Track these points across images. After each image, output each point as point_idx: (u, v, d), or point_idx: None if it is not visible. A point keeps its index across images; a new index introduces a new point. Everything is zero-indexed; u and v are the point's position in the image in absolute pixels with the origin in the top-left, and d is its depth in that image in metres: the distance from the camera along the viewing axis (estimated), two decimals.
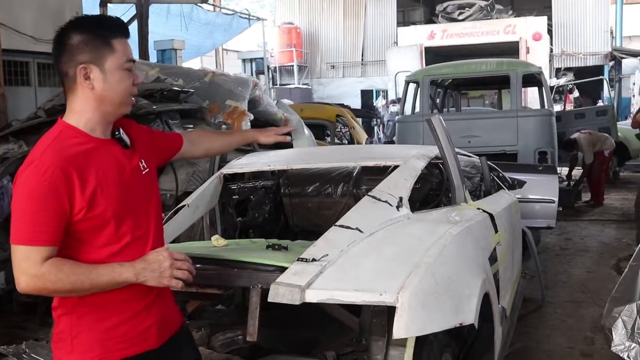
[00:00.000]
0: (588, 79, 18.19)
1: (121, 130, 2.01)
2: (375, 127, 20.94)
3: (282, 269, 2.38)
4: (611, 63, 23.33)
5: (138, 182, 2.00)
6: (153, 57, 11.07)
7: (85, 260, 1.86)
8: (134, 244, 1.94)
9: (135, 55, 10.79)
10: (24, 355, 2.95)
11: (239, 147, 2.89)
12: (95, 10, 11.31)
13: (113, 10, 11.77)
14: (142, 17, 11.12)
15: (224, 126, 4.01)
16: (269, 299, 2.25)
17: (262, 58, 24.78)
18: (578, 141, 10.63)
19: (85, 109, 1.91)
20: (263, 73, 24.25)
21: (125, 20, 10.39)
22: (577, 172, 12.73)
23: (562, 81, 19.47)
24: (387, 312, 2.37)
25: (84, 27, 1.91)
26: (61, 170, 1.79)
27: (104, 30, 1.91)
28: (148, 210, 2.03)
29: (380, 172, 3.69)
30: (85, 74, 1.88)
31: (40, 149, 1.85)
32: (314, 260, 2.40)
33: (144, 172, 2.04)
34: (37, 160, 1.81)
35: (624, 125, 14.16)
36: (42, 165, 1.79)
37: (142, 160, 2.05)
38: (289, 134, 2.95)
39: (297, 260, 2.41)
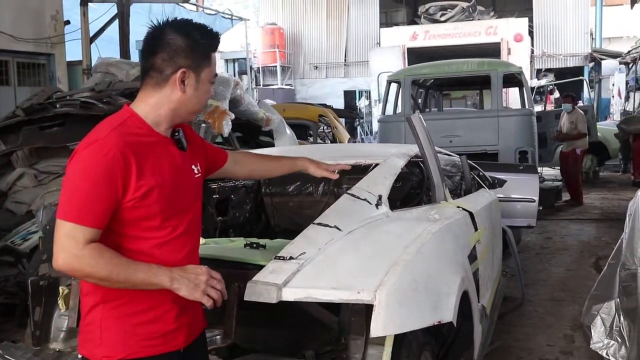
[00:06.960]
0: (568, 80, 18.34)
1: (181, 132, 2.04)
2: (358, 127, 20.97)
3: (260, 268, 2.36)
4: (591, 64, 23.58)
5: (188, 184, 2.03)
6: (135, 57, 10.99)
7: (126, 247, 1.87)
8: (174, 242, 1.95)
9: (116, 54, 10.71)
10: None
11: (284, 174, 2.74)
12: (76, 9, 11.20)
13: (94, 9, 11.66)
14: (123, 16, 11.06)
15: (203, 125, 3.98)
16: (245, 298, 2.23)
17: (245, 58, 24.69)
18: (576, 111, 10.79)
19: (161, 106, 1.94)
20: (246, 73, 24.16)
21: (106, 20, 10.20)
22: (554, 171, 12.88)
23: (542, 82, 19.62)
24: (366, 311, 2.36)
25: (188, 33, 1.93)
26: (122, 155, 1.80)
27: (207, 41, 1.96)
28: (192, 213, 2.04)
29: (361, 171, 3.67)
30: (182, 78, 1.92)
31: (104, 130, 1.85)
32: (291, 258, 2.38)
33: (196, 176, 2.08)
34: (100, 141, 1.81)
35: (604, 126, 14.31)
36: (105, 146, 1.80)
37: (198, 165, 2.10)
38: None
39: (274, 258, 2.39)
